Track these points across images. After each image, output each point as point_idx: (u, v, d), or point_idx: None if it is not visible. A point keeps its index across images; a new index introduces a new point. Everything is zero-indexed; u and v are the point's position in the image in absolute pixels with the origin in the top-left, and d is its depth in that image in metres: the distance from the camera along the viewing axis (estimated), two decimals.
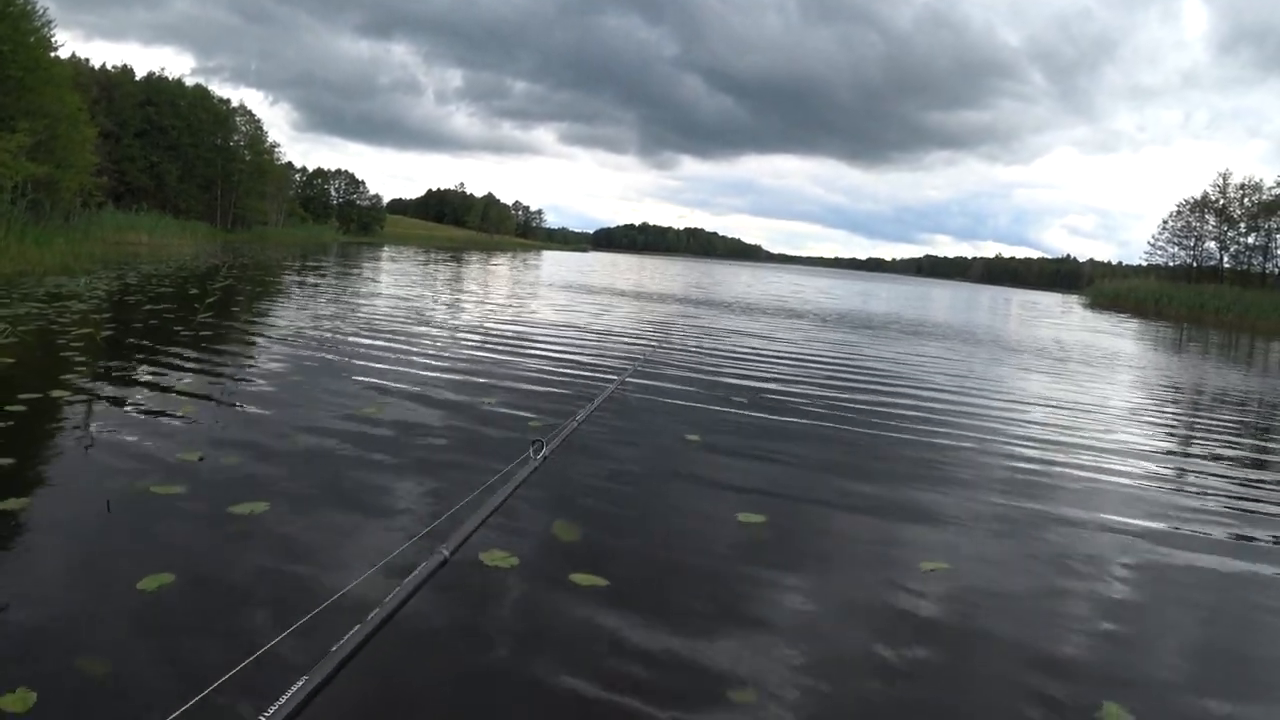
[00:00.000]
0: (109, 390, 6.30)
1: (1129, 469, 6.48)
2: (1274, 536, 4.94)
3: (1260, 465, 7.32)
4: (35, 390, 6.02)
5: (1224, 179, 65.95)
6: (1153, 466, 6.73)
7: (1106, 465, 6.50)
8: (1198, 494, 5.91)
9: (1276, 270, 62.01)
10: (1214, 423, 9.64)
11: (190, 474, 4.33)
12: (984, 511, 4.96)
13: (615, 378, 7.96)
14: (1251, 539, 4.87)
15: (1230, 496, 5.90)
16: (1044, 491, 5.53)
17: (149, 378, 6.84)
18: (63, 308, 10.95)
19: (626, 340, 12.76)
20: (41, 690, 2.32)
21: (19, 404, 5.60)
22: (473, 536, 2.51)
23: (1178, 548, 4.58)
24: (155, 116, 49.10)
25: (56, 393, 6.02)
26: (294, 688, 1.47)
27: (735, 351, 12.30)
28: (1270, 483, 6.55)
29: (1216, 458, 7.35)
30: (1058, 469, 6.21)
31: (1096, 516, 5.06)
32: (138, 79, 51.01)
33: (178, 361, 7.68)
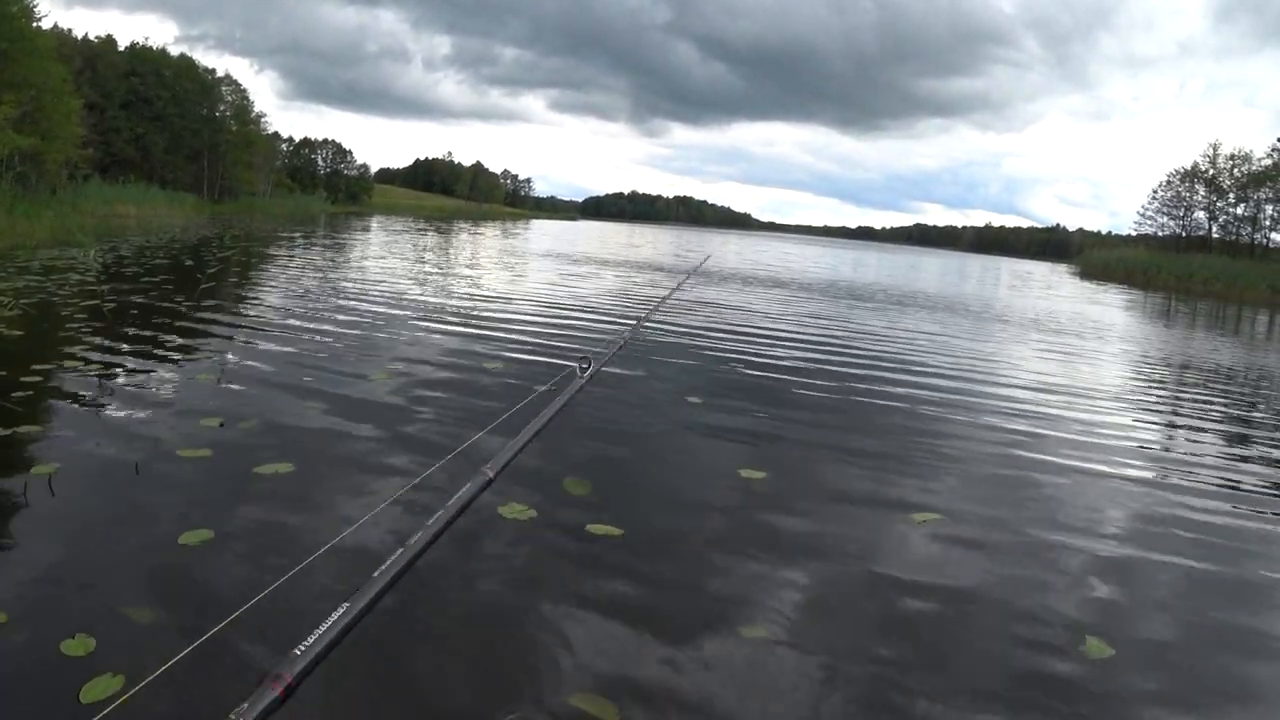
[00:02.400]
0: (120, 360, 6.42)
1: (1118, 438, 6.71)
2: (1261, 490, 5.17)
3: (1245, 439, 7.56)
4: (48, 361, 6.15)
5: (1214, 149, 66.17)
6: (1142, 431, 6.96)
7: (1096, 433, 6.73)
8: (1186, 459, 6.15)
9: (1265, 241, 62.41)
10: (1200, 393, 9.90)
11: (213, 438, 4.50)
12: (973, 471, 5.19)
13: (605, 351, 8.10)
14: (1237, 495, 5.08)
15: (1217, 462, 6.13)
16: (1033, 456, 5.75)
17: (158, 348, 6.96)
18: (62, 280, 11.01)
19: (621, 309, 12.89)
20: (99, 636, 2.48)
21: (35, 375, 5.72)
22: (517, 457, 2.19)
23: (1163, 502, 4.84)
24: (140, 87, 48.53)
25: (69, 363, 6.14)
26: (336, 614, 1.37)
27: (729, 320, 12.47)
28: (1256, 457, 6.78)
29: (1201, 427, 7.60)
30: (1047, 436, 6.42)
31: (1083, 477, 5.30)
32: (121, 49, 50.40)
33: (185, 331, 7.81)
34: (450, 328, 9.37)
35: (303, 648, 1.29)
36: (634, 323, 3.52)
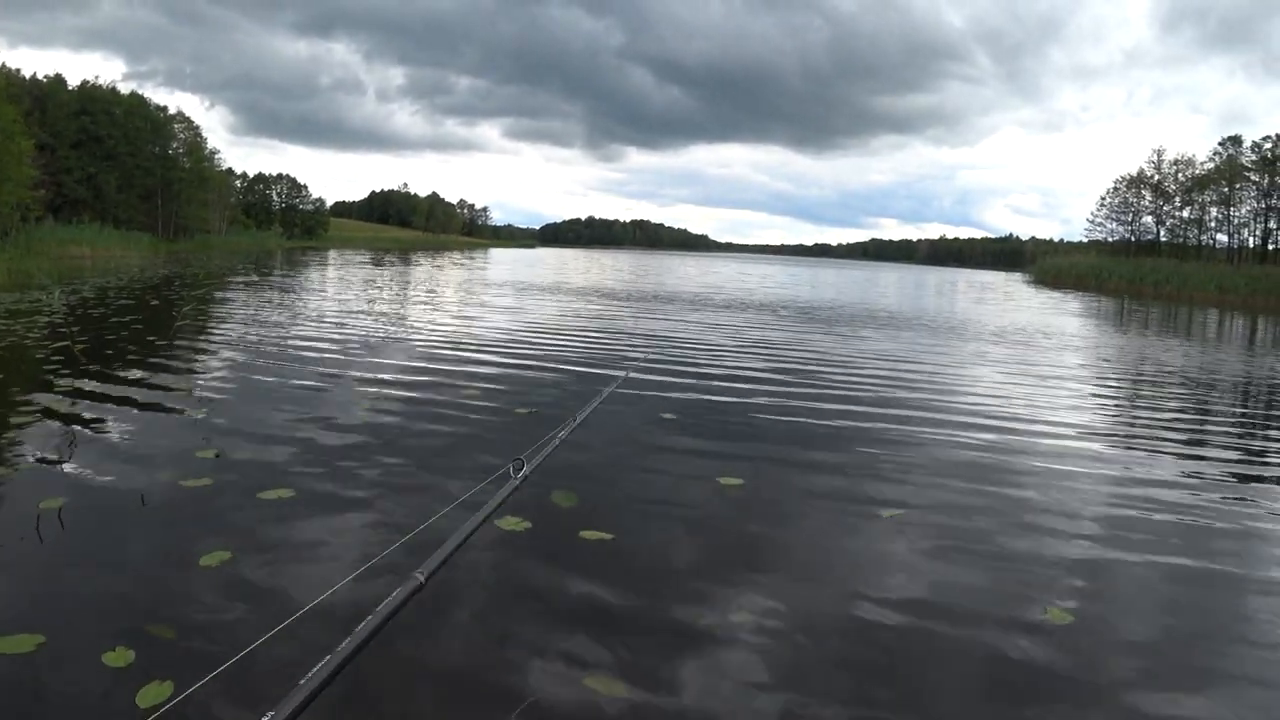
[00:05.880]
0: (103, 399, 6.50)
1: (1079, 438, 7.06)
2: (1219, 482, 5.54)
3: (1202, 440, 7.94)
4: (29, 402, 6.27)
5: (1159, 155, 68.10)
6: (1102, 432, 7.32)
7: (1057, 430, 7.10)
8: (1146, 455, 6.51)
9: (1210, 242, 64.17)
10: (1156, 394, 10.34)
11: (212, 469, 4.67)
12: (937, 471, 5.49)
13: (604, 388, 8.33)
14: (1200, 494, 5.41)
15: (1178, 464, 6.48)
16: (995, 456, 6.10)
17: (139, 386, 7.07)
18: (29, 323, 11.01)
19: (603, 341, 13.13)
20: (138, 649, 2.66)
21: (19, 415, 5.84)
22: (451, 558, 2.24)
23: (1120, 491, 5.20)
24: (91, 126, 48.06)
25: (52, 404, 6.23)
26: None
27: (698, 343, 12.79)
28: (1215, 446, 7.16)
29: (1163, 424, 7.99)
30: (1007, 441, 6.76)
31: (1043, 467, 5.66)
32: (71, 88, 49.95)
33: (163, 370, 7.93)
34: (432, 359, 9.56)
35: None
36: (573, 418, 3.81)
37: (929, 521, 4.39)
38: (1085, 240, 77.23)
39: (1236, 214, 61.50)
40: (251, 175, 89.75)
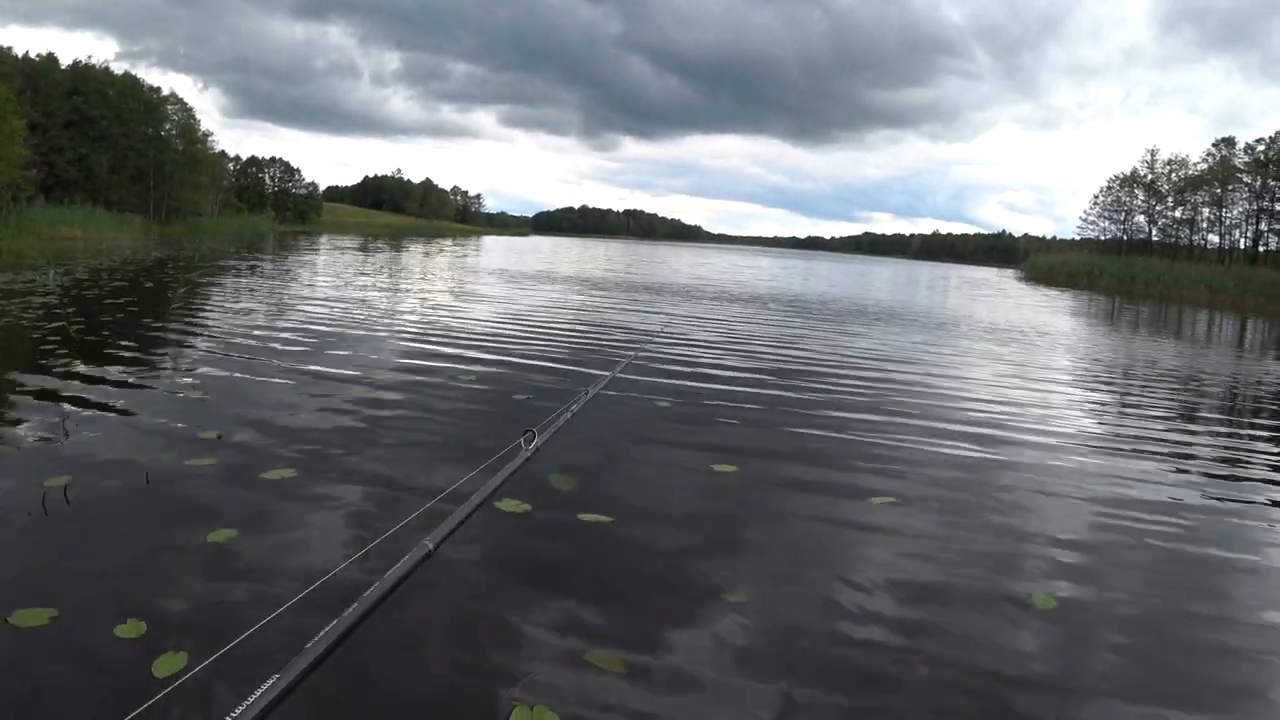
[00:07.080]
0: (100, 380, 6.54)
1: (1070, 434, 7.16)
2: (1208, 476, 5.68)
3: (1190, 431, 8.06)
4: (27, 381, 6.29)
5: (1152, 155, 68.54)
6: (1092, 430, 7.42)
7: (1047, 425, 7.21)
8: (1135, 454, 6.61)
9: (1202, 242, 64.65)
10: (1146, 394, 10.46)
11: (215, 449, 4.74)
12: (925, 460, 5.60)
13: (606, 372, 8.39)
14: (1185, 497, 5.51)
15: (1165, 456, 6.59)
16: (987, 446, 6.21)
17: (133, 367, 7.12)
18: (24, 304, 11.01)
19: (595, 333, 13.20)
20: (149, 621, 2.73)
21: (19, 394, 5.87)
22: (461, 528, 2.28)
23: (1103, 474, 5.28)
24: (84, 106, 47.77)
25: (50, 384, 6.25)
26: (265, 685, 1.35)
27: (691, 336, 12.89)
28: (1203, 445, 7.28)
29: (1153, 423, 8.10)
30: (993, 435, 6.85)
31: (1035, 443, 5.76)
32: (63, 67, 49.65)
33: (156, 351, 7.99)
34: (418, 349, 9.61)
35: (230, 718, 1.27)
36: (584, 391, 3.89)
37: (918, 509, 4.51)
38: (1078, 238, 77.94)
39: (1228, 215, 62.04)
40: (245, 158, 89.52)
